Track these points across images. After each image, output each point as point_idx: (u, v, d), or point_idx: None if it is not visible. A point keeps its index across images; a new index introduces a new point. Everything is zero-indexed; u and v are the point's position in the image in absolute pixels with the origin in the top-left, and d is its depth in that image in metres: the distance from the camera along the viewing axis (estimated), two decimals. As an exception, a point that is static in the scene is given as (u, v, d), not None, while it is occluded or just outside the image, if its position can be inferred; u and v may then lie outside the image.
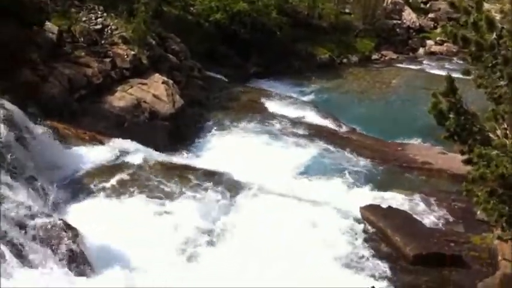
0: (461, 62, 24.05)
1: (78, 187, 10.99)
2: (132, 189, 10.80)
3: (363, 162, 14.40)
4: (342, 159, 14.50)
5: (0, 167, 8.86)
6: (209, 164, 12.85)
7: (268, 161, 13.78)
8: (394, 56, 29.05)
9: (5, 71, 12.29)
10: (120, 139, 13.14)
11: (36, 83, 13.29)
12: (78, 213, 9.93)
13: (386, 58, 28.73)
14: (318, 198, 11.49)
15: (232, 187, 11.36)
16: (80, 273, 7.69)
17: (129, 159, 12.11)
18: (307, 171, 13.51)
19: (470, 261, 9.69)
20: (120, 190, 10.79)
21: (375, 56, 28.53)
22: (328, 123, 17.45)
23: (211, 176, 11.74)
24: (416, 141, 16.46)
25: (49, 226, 7.99)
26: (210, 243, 9.68)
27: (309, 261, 9.22)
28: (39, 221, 7.96)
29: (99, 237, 8.81)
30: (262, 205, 10.80)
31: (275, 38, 24.23)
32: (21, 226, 7.65)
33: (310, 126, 16.62)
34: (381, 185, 12.96)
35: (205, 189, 11.08)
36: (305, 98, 20.90)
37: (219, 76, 20.91)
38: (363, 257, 9.60)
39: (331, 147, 15.12)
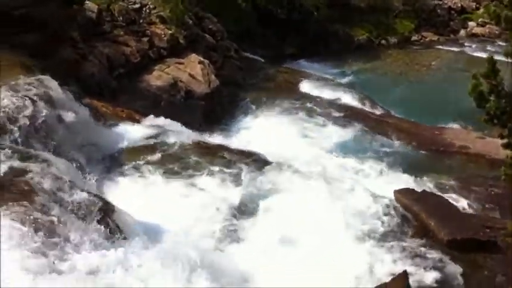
0: (503, 43, 23.28)
1: (115, 164, 11.21)
2: (167, 167, 10.96)
3: (399, 145, 14.25)
4: (377, 141, 14.38)
5: (40, 143, 9.14)
6: (243, 144, 12.95)
7: (302, 142, 13.80)
8: (435, 37, 28.41)
9: (46, 49, 12.58)
10: (157, 118, 13.33)
11: (77, 61, 13.57)
12: (115, 190, 10.17)
13: (426, 40, 28.13)
14: (352, 180, 11.45)
15: (265, 166, 11.39)
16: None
17: (165, 137, 12.27)
18: (341, 153, 13.44)
19: (505, 248, 9.51)
20: (156, 167, 10.96)
21: (414, 38, 27.97)
22: (364, 105, 17.26)
23: (244, 155, 11.80)
24: (454, 125, 16.16)
25: (87, 202, 8.11)
26: (243, 218, 9.80)
27: (340, 239, 9.22)
28: (77, 196, 8.09)
29: (136, 214, 8.98)
30: (294, 184, 10.82)
31: (312, 19, 24.00)
32: (60, 201, 7.80)
33: (346, 108, 16.49)
34: (417, 169, 12.79)
35: (239, 168, 11.15)
36: (342, 80, 20.71)
37: (255, 57, 20.89)
38: (395, 240, 9.53)
39: (366, 130, 14.99)
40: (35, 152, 8.81)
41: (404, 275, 8.03)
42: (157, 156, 11.38)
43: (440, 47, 27.03)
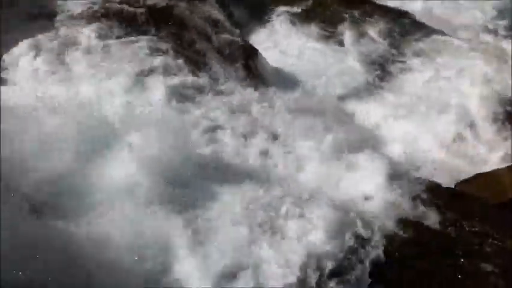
0: None
1: (258, 10, 11.28)
2: (309, 17, 10.83)
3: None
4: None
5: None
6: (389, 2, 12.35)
7: (459, 7, 12.75)
8: None
9: None
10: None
11: None
12: (257, 35, 10.42)
13: None
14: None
15: (413, 25, 10.81)
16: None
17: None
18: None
19: None
20: (298, 16, 10.89)
21: None
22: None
23: (392, 12, 11.19)
24: None
25: (231, 42, 8.39)
26: (378, 75, 9.58)
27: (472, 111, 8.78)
28: (222, 36, 8.41)
29: (275, 61, 9.19)
30: (439, 48, 10.25)
31: None
32: (207, 38, 8.17)
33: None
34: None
35: (383, 24, 10.66)
36: None
37: None
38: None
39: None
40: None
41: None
42: (300, 5, 11.23)
43: None
